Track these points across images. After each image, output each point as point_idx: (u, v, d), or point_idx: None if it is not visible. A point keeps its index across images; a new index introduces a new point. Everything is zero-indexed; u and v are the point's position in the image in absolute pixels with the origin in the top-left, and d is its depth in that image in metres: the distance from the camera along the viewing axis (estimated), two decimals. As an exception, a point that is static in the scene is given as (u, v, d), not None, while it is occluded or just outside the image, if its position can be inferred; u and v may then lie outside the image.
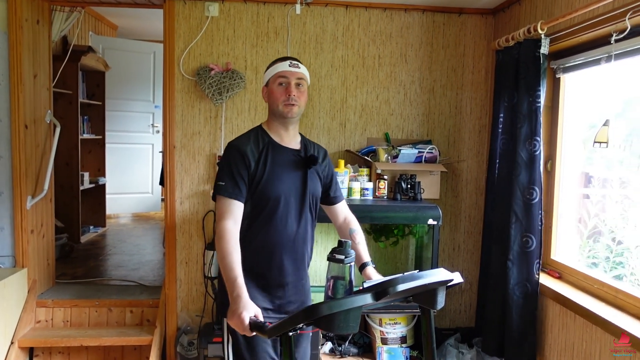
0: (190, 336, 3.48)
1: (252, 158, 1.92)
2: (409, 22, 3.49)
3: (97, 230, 5.77)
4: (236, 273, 1.71)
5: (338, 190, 2.19)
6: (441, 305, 1.57)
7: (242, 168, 1.90)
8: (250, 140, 1.97)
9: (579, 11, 2.34)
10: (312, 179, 2.03)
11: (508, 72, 2.97)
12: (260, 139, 1.98)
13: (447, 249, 3.66)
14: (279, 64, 1.97)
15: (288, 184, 1.95)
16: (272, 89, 1.97)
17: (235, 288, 1.66)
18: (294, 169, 1.98)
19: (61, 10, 3.86)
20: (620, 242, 2.80)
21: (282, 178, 1.94)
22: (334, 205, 2.18)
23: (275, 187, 1.92)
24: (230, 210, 1.86)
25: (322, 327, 1.39)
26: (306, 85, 1.99)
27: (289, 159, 1.98)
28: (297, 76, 1.95)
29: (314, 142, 2.15)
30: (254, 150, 1.94)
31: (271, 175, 1.92)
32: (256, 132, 2.01)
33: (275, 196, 1.92)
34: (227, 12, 3.37)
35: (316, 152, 2.09)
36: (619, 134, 2.34)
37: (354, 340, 3.41)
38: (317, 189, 2.06)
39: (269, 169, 1.92)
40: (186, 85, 3.40)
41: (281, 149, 1.99)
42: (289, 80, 1.93)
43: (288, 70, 1.94)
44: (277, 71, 1.95)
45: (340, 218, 2.18)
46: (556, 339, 2.69)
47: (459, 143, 3.60)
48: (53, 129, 3.68)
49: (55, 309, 3.49)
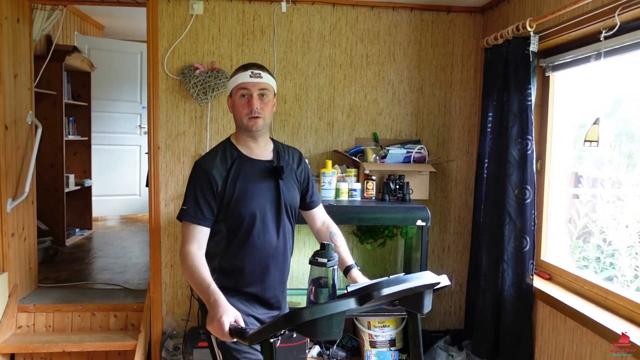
0: (176, 340, 3.41)
1: (219, 178, 1.84)
2: (397, 21, 3.45)
3: (83, 233, 5.68)
4: (208, 281, 1.65)
5: (315, 194, 2.11)
6: (428, 309, 1.53)
7: (207, 190, 1.83)
8: (217, 159, 1.89)
9: (567, 8, 2.31)
10: (288, 187, 1.96)
11: (497, 70, 2.94)
12: (228, 155, 1.90)
13: (436, 250, 3.62)
14: (240, 75, 1.87)
15: (262, 199, 1.87)
16: (234, 101, 1.89)
17: (211, 295, 1.60)
18: (266, 181, 1.90)
19: (42, 8, 3.79)
20: (611, 242, 2.77)
21: (255, 193, 1.86)
22: (311, 210, 2.10)
23: (248, 204, 1.85)
24: (193, 236, 1.80)
25: (305, 333, 1.34)
26: (271, 95, 1.90)
27: (261, 171, 1.90)
28: (259, 87, 1.85)
29: (289, 147, 2.07)
30: (220, 168, 1.86)
31: (243, 192, 1.85)
32: (224, 147, 1.93)
33: (250, 213, 1.85)
34: (212, 11, 3.31)
35: (290, 157, 2.02)
36: (609, 133, 2.31)
37: (342, 344, 3.36)
38: (295, 198, 1.99)
39: (239, 186, 1.85)
40: (170, 84, 3.33)
41: (251, 162, 1.91)
42: (251, 92, 1.84)
43: (249, 82, 1.85)
44: (238, 82, 1.86)
45: (317, 222, 2.11)
46: (546, 341, 2.65)
47: (448, 143, 3.56)
48: (35, 130, 3.60)
49: (37, 314, 3.40)
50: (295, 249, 3.46)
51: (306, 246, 3.48)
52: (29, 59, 3.56)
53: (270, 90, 1.89)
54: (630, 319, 2.19)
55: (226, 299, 1.60)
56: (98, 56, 5.97)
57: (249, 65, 1.89)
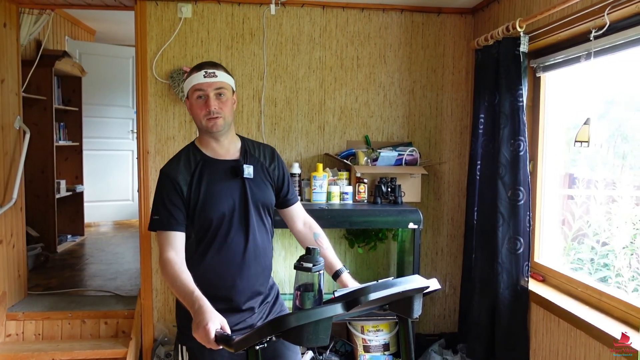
0: (168, 347, 3.37)
1: (184, 183, 1.80)
2: (388, 22, 3.43)
3: (75, 239, 5.64)
4: (191, 287, 1.61)
5: (291, 192, 2.04)
6: (418, 314, 1.50)
7: (174, 196, 1.79)
8: (181, 163, 1.84)
9: (557, 7, 2.29)
10: (259, 185, 1.90)
11: (488, 71, 2.92)
12: (192, 158, 1.86)
13: (429, 253, 3.60)
14: (193, 75, 1.80)
15: (229, 200, 1.82)
16: (191, 102, 1.83)
17: (195, 301, 1.56)
18: (232, 181, 1.85)
19: (30, 13, 3.75)
20: (605, 243, 2.75)
21: (220, 194, 1.82)
22: (287, 207, 2.04)
23: (215, 207, 1.80)
24: (169, 242, 1.75)
25: (290, 339, 1.31)
26: (229, 93, 1.84)
27: (225, 172, 1.85)
28: (215, 86, 1.79)
29: (260, 144, 2.01)
30: (184, 173, 1.82)
31: (208, 195, 1.80)
32: (187, 152, 1.89)
33: (217, 215, 1.80)
34: (201, 14, 3.29)
35: (261, 154, 1.97)
36: (601, 133, 2.29)
37: (335, 349, 3.32)
38: (266, 196, 1.92)
39: (204, 189, 1.80)
40: (159, 88, 3.30)
41: (216, 163, 1.86)
42: (207, 92, 1.78)
43: (205, 82, 1.78)
44: (193, 84, 1.80)
45: (298, 222, 2.04)
46: (540, 344, 2.63)
47: (440, 145, 3.54)
48: (23, 135, 3.56)
49: (26, 322, 3.36)
50: (287, 253, 3.46)
51: (298, 250, 3.45)
52: (17, 64, 3.52)
53: (227, 89, 1.84)
54: (625, 321, 2.17)
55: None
56: (89, 61, 5.94)
57: (203, 65, 1.83)
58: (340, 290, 1.46)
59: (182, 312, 1.77)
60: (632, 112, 2.76)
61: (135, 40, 3.27)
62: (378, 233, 3.37)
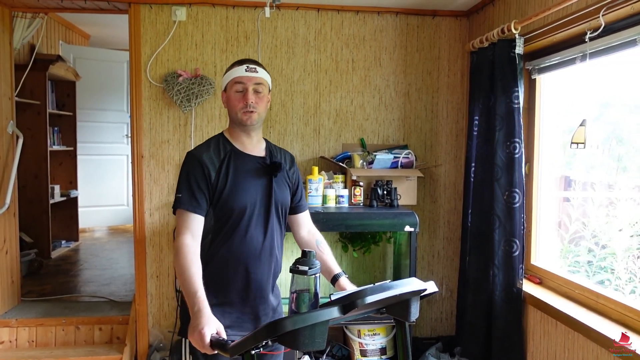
0: (163, 353, 3.34)
1: (212, 168, 1.81)
2: (383, 25, 3.43)
3: (70, 245, 5.59)
4: (196, 287, 1.61)
5: (303, 199, 2.08)
6: (415, 317, 1.48)
7: (201, 179, 1.79)
8: (211, 149, 1.86)
9: (552, 9, 2.29)
10: (280, 186, 1.92)
11: (483, 73, 2.92)
12: (221, 147, 1.87)
13: (426, 256, 3.58)
14: (235, 69, 1.85)
15: (253, 194, 1.84)
16: (229, 95, 1.86)
17: (196, 302, 1.56)
18: (258, 178, 1.87)
19: (23, 16, 3.73)
20: (605, 246, 2.74)
21: (246, 188, 1.83)
22: (297, 214, 2.05)
23: (239, 198, 1.81)
24: (188, 225, 1.75)
25: (287, 343, 1.29)
26: (266, 90, 1.88)
27: (253, 167, 1.87)
28: (254, 81, 1.83)
29: (280, 148, 2.05)
30: (214, 159, 1.83)
31: (234, 185, 1.81)
32: (217, 140, 1.90)
33: (240, 207, 1.81)
34: (195, 17, 3.27)
35: (282, 158, 1.99)
36: (596, 134, 2.28)
37: (332, 353, 3.30)
38: (286, 198, 1.95)
39: (231, 179, 1.81)
40: (154, 92, 3.28)
41: (244, 156, 1.88)
42: (246, 86, 1.82)
43: (245, 76, 1.82)
44: (234, 77, 1.84)
45: (303, 230, 2.06)
46: (538, 346, 2.61)
47: (436, 147, 3.54)
48: (16, 140, 3.53)
49: (20, 329, 3.32)
50: (284, 257, 3.43)
51: (294, 254, 3.43)
52: (10, 68, 3.49)
53: (265, 86, 1.87)
54: (623, 323, 2.16)
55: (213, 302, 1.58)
56: (83, 65, 5.91)
57: (245, 60, 1.87)
58: (337, 294, 1.45)
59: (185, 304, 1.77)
60: (627, 115, 2.76)
61: (130, 44, 3.25)
62: (372, 236, 3.36)
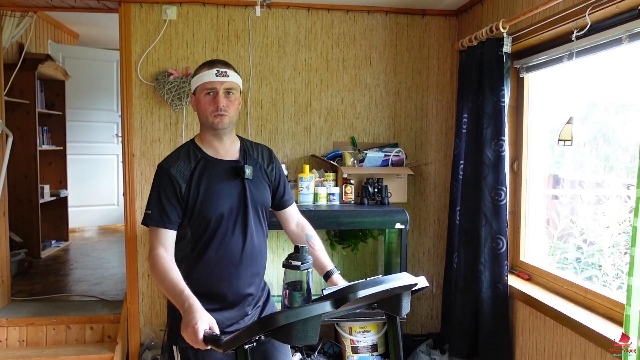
0: (155, 352, 3.34)
1: (182, 180, 1.79)
2: (373, 24, 3.45)
3: (60, 245, 5.56)
4: (181, 286, 1.61)
5: (288, 193, 2.05)
6: (406, 312, 1.50)
7: (171, 192, 1.78)
8: (180, 160, 1.83)
9: (539, 8, 2.32)
10: (258, 186, 1.90)
11: (471, 72, 2.94)
12: (192, 156, 1.85)
13: (416, 253, 3.61)
14: (205, 73, 1.81)
15: (228, 200, 1.82)
16: (199, 98, 1.83)
17: (185, 300, 1.56)
18: (232, 181, 1.84)
19: (12, 15, 3.71)
20: (592, 243, 2.78)
21: (220, 194, 1.81)
22: (283, 209, 2.05)
23: (213, 207, 1.79)
24: (159, 240, 1.75)
25: (279, 338, 1.30)
26: (237, 93, 1.85)
27: (226, 172, 1.85)
28: (225, 86, 1.81)
29: (258, 144, 2.02)
30: (183, 170, 1.81)
31: (207, 194, 1.80)
32: (187, 149, 1.87)
33: (216, 216, 1.80)
34: (186, 16, 3.28)
35: (259, 154, 1.97)
36: (584, 132, 2.32)
37: (323, 350, 3.32)
38: (265, 197, 1.93)
39: (204, 188, 1.80)
40: (144, 91, 3.28)
41: (216, 163, 1.86)
42: (217, 90, 1.80)
43: (216, 81, 1.80)
44: (204, 81, 1.81)
45: (291, 223, 2.05)
46: (527, 341, 2.65)
47: (426, 145, 3.56)
48: (5, 139, 3.52)
49: (10, 328, 3.31)
50: (275, 255, 3.45)
51: (286, 252, 3.44)
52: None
53: (236, 89, 1.85)
54: (609, 317, 2.19)
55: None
56: (73, 65, 5.88)
57: (214, 63, 1.84)
58: (329, 289, 1.47)
59: (174, 311, 1.76)
60: (613, 114, 2.80)
61: (120, 43, 3.25)
62: (361, 234, 3.38)
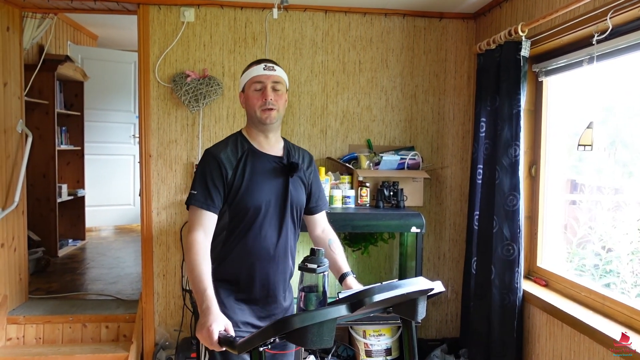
0: (169, 351, 3.36)
1: (229, 166, 1.82)
2: (390, 27, 3.44)
3: (76, 244, 5.62)
4: (205, 285, 1.62)
5: (321, 199, 2.07)
6: (422, 316, 1.49)
7: (217, 177, 1.80)
8: (228, 147, 1.87)
9: (559, 12, 2.30)
10: (296, 187, 1.92)
11: (489, 75, 2.92)
12: (239, 146, 1.88)
13: (432, 257, 3.59)
14: (253, 68, 1.87)
15: (268, 193, 1.85)
16: (248, 94, 1.87)
17: (205, 300, 1.57)
18: (275, 177, 1.88)
19: (33, 17, 3.76)
20: (611, 249, 2.74)
21: (262, 187, 1.84)
22: (313, 215, 2.06)
23: (254, 197, 1.82)
24: (201, 222, 1.77)
25: (295, 341, 1.30)
26: (284, 88, 1.89)
27: (270, 167, 1.88)
28: (272, 79, 1.85)
29: (299, 147, 2.05)
30: (231, 157, 1.84)
31: (250, 184, 1.83)
32: (235, 139, 1.91)
33: (255, 206, 1.82)
34: (203, 18, 3.30)
35: (301, 157, 1.99)
36: (603, 137, 2.29)
37: (337, 353, 3.31)
38: (301, 198, 1.95)
39: (247, 178, 1.83)
40: (162, 92, 3.31)
41: (262, 156, 1.89)
42: (265, 84, 1.84)
43: (263, 74, 1.84)
44: (252, 76, 1.86)
45: (318, 229, 2.07)
46: (543, 348, 2.61)
47: (443, 149, 3.54)
48: (25, 139, 3.57)
49: (27, 326, 3.35)
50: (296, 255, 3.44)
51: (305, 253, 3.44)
52: (19, 68, 3.53)
53: (283, 84, 1.88)
54: (629, 325, 2.16)
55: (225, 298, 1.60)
56: (91, 66, 5.95)
57: (262, 60, 1.89)
58: (345, 292, 1.46)
59: None
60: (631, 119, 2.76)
61: (138, 44, 3.28)
62: (369, 237, 3.35)
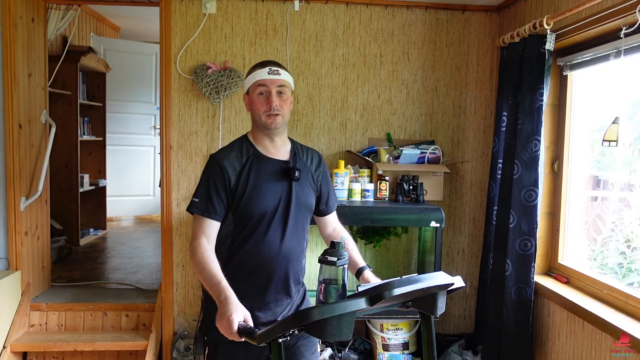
0: (187, 341, 3.40)
1: (233, 173, 1.82)
2: (411, 20, 3.41)
3: (97, 233, 5.71)
4: (219, 278, 1.62)
5: (331, 199, 2.06)
6: (442, 311, 1.48)
7: (220, 183, 1.80)
8: (233, 153, 1.86)
9: (586, 4, 2.25)
10: (304, 190, 1.91)
11: (512, 69, 2.88)
12: (244, 151, 1.87)
13: (450, 252, 3.57)
14: (257, 71, 1.84)
15: (273, 199, 1.83)
16: (252, 98, 1.85)
17: (222, 291, 1.57)
18: (279, 182, 1.86)
19: (57, 8, 3.81)
20: (636, 248, 2.69)
21: (266, 193, 1.83)
22: (324, 216, 2.06)
23: (258, 203, 1.81)
24: (202, 229, 1.78)
25: (314, 333, 1.30)
26: (289, 92, 1.87)
27: (275, 171, 1.86)
28: (277, 84, 1.82)
29: (308, 148, 2.03)
30: (235, 163, 1.83)
31: (254, 190, 1.82)
32: (240, 143, 1.90)
33: (260, 212, 1.81)
34: (225, 10, 3.30)
35: (309, 158, 1.98)
36: (629, 133, 2.24)
37: (354, 347, 3.32)
38: (309, 201, 1.94)
39: (251, 184, 1.82)
40: (183, 84, 3.32)
41: (266, 160, 1.87)
42: (270, 89, 1.81)
43: (268, 79, 1.81)
44: (257, 79, 1.83)
45: (329, 228, 2.07)
46: (563, 346, 2.58)
47: (463, 143, 3.51)
48: (48, 129, 3.62)
49: (50, 313, 3.41)
50: (308, 250, 3.45)
51: (318, 247, 3.45)
52: (44, 59, 3.58)
53: (288, 88, 1.86)
54: (652, 324, 2.13)
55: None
56: (113, 57, 6.01)
57: (267, 62, 1.86)
58: (364, 286, 1.45)
59: (207, 305, 1.79)
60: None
61: (160, 36, 3.30)
62: (382, 231, 3.33)
